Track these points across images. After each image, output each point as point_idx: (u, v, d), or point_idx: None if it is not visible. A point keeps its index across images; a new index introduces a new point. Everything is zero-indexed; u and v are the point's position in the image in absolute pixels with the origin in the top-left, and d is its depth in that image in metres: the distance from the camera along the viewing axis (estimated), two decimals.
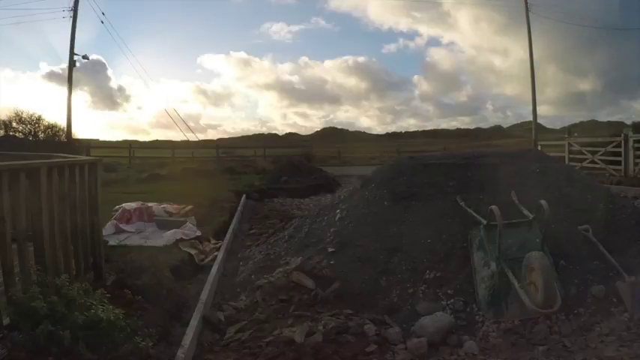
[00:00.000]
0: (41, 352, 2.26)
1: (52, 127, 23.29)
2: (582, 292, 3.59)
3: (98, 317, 2.44)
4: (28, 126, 23.08)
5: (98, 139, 32.84)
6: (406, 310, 3.63)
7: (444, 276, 3.89)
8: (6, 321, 2.47)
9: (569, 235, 4.09)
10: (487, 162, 5.13)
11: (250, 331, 3.31)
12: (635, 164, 12.97)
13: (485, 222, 3.96)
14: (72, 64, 19.37)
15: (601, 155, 14.25)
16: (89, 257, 3.78)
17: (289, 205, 10.20)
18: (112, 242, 5.37)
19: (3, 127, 22.78)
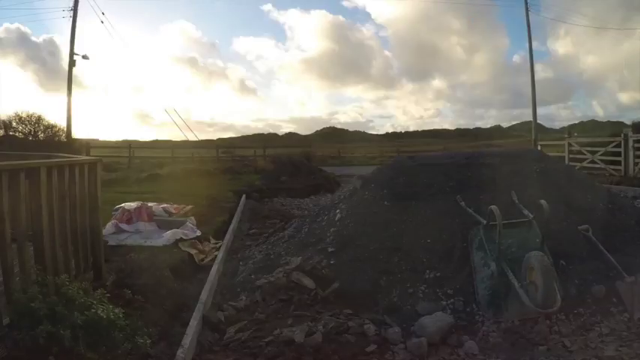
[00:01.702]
0: (41, 351, 2.26)
1: (51, 127, 23.35)
2: (582, 292, 3.60)
3: (98, 317, 2.44)
4: (28, 126, 23.14)
5: (98, 139, 32.87)
6: (406, 310, 3.63)
7: (444, 276, 3.89)
8: (6, 321, 2.47)
9: (569, 235, 4.09)
10: (487, 162, 5.12)
11: (250, 331, 3.31)
12: (635, 164, 12.99)
13: (485, 222, 3.96)
14: (72, 63, 19.36)
15: (601, 155, 14.27)
16: (89, 257, 3.78)
17: (289, 205, 10.19)
18: (112, 242, 5.36)
19: (3, 127, 22.84)
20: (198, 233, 6.23)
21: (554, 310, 3.25)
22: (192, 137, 22.63)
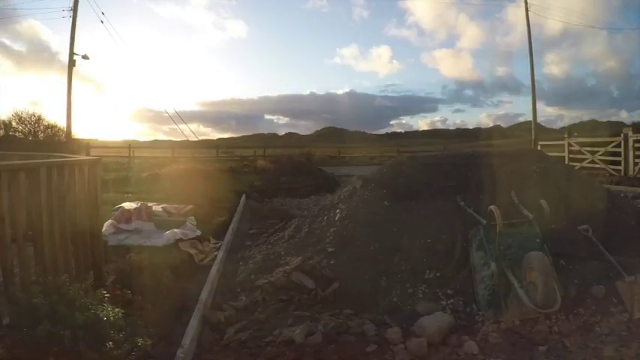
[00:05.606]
0: (41, 351, 2.26)
1: (51, 127, 23.38)
2: (582, 292, 3.59)
3: (98, 317, 2.44)
4: (28, 126, 23.17)
5: (97, 139, 32.88)
6: (406, 310, 3.63)
7: (444, 276, 3.89)
8: (6, 321, 2.47)
9: (569, 235, 4.09)
10: (487, 162, 5.12)
11: (250, 331, 3.31)
12: (635, 164, 13.00)
13: (485, 222, 3.95)
14: (72, 63, 19.34)
15: (601, 155, 14.27)
16: (89, 257, 3.78)
17: (289, 205, 10.19)
18: (111, 242, 5.36)
19: (3, 127, 22.86)
20: (199, 233, 6.23)
21: (554, 310, 3.25)
22: (192, 137, 22.61)
